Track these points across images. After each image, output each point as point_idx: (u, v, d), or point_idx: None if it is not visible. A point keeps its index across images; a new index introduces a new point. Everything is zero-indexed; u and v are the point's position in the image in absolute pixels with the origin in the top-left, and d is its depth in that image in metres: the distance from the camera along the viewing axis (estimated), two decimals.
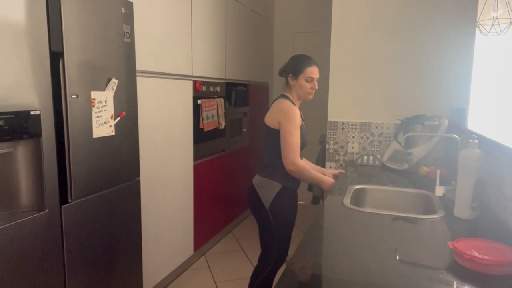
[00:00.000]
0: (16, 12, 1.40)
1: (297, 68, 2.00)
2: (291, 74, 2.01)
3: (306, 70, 1.99)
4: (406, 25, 2.80)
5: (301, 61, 2.01)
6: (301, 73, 1.99)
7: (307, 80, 1.99)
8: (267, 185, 1.97)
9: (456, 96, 2.72)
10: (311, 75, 1.99)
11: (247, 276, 2.90)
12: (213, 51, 3.21)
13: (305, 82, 1.99)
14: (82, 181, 1.73)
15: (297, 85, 2.01)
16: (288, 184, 1.99)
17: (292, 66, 2.02)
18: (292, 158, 1.89)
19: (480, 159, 1.52)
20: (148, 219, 2.40)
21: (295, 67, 2.01)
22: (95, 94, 1.77)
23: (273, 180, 1.97)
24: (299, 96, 2.04)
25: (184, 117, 2.81)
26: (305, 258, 1.19)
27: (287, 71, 2.04)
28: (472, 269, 1.09)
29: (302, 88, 2.01)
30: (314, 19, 4.54)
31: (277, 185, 1.96)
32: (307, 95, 2.03)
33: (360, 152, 2.94)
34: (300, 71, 1.99)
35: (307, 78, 1.99)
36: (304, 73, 1.99)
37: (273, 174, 1.98)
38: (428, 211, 1.78)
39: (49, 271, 1.58)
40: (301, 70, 1.99)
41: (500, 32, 1.84)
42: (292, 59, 2.06)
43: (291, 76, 2.02)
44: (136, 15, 2.10)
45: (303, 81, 1.99)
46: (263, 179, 2.00)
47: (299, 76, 1.99)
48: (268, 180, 1.98)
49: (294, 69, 2.01)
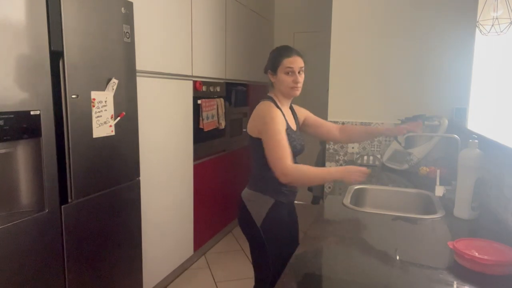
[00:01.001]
0: (16, 12, 1.40)
1: (274, 61, 1.73)
2: (270, 70, 1.75)
3: (283, 62, 1.70)
4: (406, 25, 2.79)
5: (278, 53, 1.73)
6: (279, 66, 1.71)
7: (287, 73, 1.70)
8: (258, 200, 1.72)
9: (456, 96, 2.72)
10: (289, 65, 1.69)
11: (247, 276, 2.90)
12: (213, 51, 3.21)
13: (284, 76, 1.70)
14: (82, 181, 1.73)
15: (277, 81, 1.73)
16: (282, 198, 1.72)
17: (270, 61, 1.75)
18: (281, 168, 1.57)
19: (480, 159, 1.52)
20: (148, 219, 2.40)
21: (272, 61, 1.74)
22: (95, 94, 1.77)
23: (265, 195, 1.71)
24: (283, 94, 1.75)
25: (184, 117, 2.81)
26: (305, 258, 1.19)
27: (266, 69, 1.78)
28: (472, 269, 1.09)
29: (283, 83, 1.71)
30: (314, 19, 4.54)
31: (269, 199, 1.70)
32: (290, 91, 1.72)
33: (360, 152, 2.94)
34: (277, 64, 1.71)
35: (286, 70, 1.69)
36: (282, 65, 1.70)
37: (264, 188, 1.71)
38: (428, 211, 1.77)
39: (49, 271, 1.58)
40: (278, 62, 1.71)
41: (500, 32, 1.84)
42: (269, 55, 1.79)
43: (270, 72, 1.75)
44: (136, 15, 2.10)
45: (281, 74, 1.71)
46: (253, 193, 1.73)
47: (277, 70, 1.72)
48: (259, 194, 1.72)
49: (272, 64, 1.74)
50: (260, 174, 1.73)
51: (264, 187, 1.72)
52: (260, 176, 1.73)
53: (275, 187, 1.70)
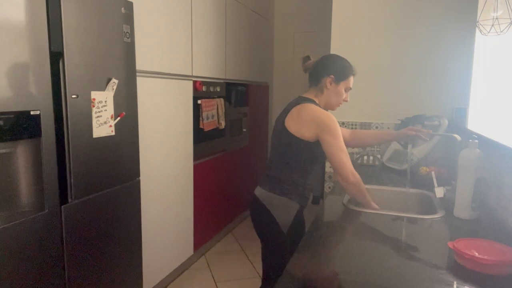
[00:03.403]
0: (16, 12, 1.40)
1: (343, 72, 1.70)
2: (334, 76, 1.69)
3: (350, 78, 1.72)
4: (406, 25, 2.80)
5: (349, 67, 1.72)
6: (345, 79, 1.71)
7: (346, 90, 1.73)
8: (285, 204, 1.66)
9: (456, 96, 2.72)
10: (350, 86, 1.74)
11: (247, 276, 2.90)
12: (213, 51, 3.21)
13: (343, 91, 1.72)
14: (82, 181, 1.73)
15: (334, 91, 1.71)
16: (304, 202, 1.73)
17: (339, 68, 1.70)
18: (351, 170, 1.60)
19: (480, 159, 1.52)
20: (148, 219, 2.40)
21: (342, 70, 1.70)
22: (95, 94, 1.77)
23: (291, 199, 1.66)
24: (327, 104, 1.74)
25: (184, 117, 2.81)
26: (305, 258, 1.19)
27: (329, 71, 1.69)
28: (472, 269, 1.09)
29: (338, 96, 1.72)
30: (314, 19, 4.54)
31: (296, 205, 1.67)
32: (336, 105, 1.75)
33: (360, 152, 2.94)
34: (345, 76, 1.70)
35: (347, 87, 1.73)
36: (348, 80, 1.71)
37: (291, 192, 1.66)
38: (428, 211, 1.77)
39: (49, 271, 1.58)
40: (346, 76, 1.71)
41: (500, 32, 1.84)
42: (338, 59, 1.74)
43: (332, 78, 1.69)
44: (136, 15, 2.10)
45: (342, 88, 1.71)
46: (277, 197, 1.66)
47: (341, 82, 1.70)
48: (285, 198, 1.65)
49: (339, 73, 1.70)
50: (289, 177, 1.67)
51: (291, 191, 1.66)
52: (288, 179, 1.67)
53: (300, 192, 1.68)
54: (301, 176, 1.67)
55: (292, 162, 1.66)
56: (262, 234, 1.73)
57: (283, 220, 1.66)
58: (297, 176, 1.67)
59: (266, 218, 1.67)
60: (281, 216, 1.65)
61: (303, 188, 1.69)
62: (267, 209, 1.67)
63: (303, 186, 1.69)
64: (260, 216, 1.70)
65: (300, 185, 1.67)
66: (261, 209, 1.68)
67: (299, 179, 1.67)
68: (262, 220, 1.70)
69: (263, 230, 1.72)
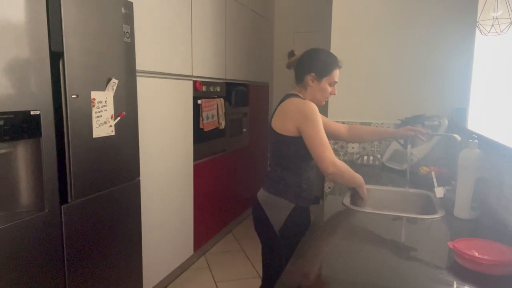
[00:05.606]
0: (16, 12, 1.40)
1: (325, 68, 1.66)
2: (315, 74, 1.66)
3: (333, 73, 1.67)
4: (406, 25, 2.80)
5: (331, 61, 1.67)
6: (327, 75, 1.66)
7: (331, 84, 1.69)
8: (277, 204, 1.66)
9: (456, 96, 2.72)
10: (335, 80, 1.69)
11: (247, 276, 2.90)
12: (213, 51, 3.21)
13: (327, 86, 1.68)
14: (82, 181, 1.73)
15: (318, 88, 1.67)
16: (302, 202, 1.69)
17: (320, 65, 1.66)
18: (330, 159, 1.55)
19: (480, 159, 1.52)
20: (148, 219, 2.40)
21: (323, 66, 1.66)
22: (95, 94, 1.77)
23: (285, 199, 1.66)
24: (313, 100, 1.68)
25: (184, 117, 2.81)
26: (305, 258, 1.19)
27: (309, 69, 1.66)
28: (472, 269, 1.09)
29: (322, 92, 1.68)
30: (314, 19, 4.54)
31: (289, 204, 1.66)
32: (323, 100, 1.72)
33: (360, 152, 2.94)
34: (327, 72, 1.66)
35: (332, 82, 1.68)
36: (331, 75, 1.67)
37: (284, 192, 1.66)
38: (428, 211, 1.77)
39: (49, 271, 1.58)
40: (328, 71, 1.66)
41: (500, 32, 1.84)
42: (318, 55, 1.68)
43: (313, 75, 1.66)
44: (136, 15, 2.10)
45: (326, 84, 1.67)
46: (272, 197, 1.68)
47: (324, 78, 1.66)
48: (278, 198, 1.66)
49: (321, 69, 1.65)
50: (282, 176, 1.68)
51: (285, 190, 1.67)
52: (281, 179, 1.68)
53: (296, 191, 1.67)
54: (294, 175, 1.67)
55: (283, 161, 1.68)
56: (257, 230, 1.77)
57: (275, 218, 1.67)
58: (290, 176, 1.67)
59: (260, 216, 1.71)
60: (273, 214, 1.68)
61: (299, 188, 1.67)
62: (262, 209, 1.70)
63: (298, 186, 1.67)
64: (256, 214, 1.75)
65: (295, 185, 1.67)
66: (258, 208, 1.73)
67: (292, 179, 1.67)
68: (257, 218, 1.75)
69: (258, 227, 1.76)
